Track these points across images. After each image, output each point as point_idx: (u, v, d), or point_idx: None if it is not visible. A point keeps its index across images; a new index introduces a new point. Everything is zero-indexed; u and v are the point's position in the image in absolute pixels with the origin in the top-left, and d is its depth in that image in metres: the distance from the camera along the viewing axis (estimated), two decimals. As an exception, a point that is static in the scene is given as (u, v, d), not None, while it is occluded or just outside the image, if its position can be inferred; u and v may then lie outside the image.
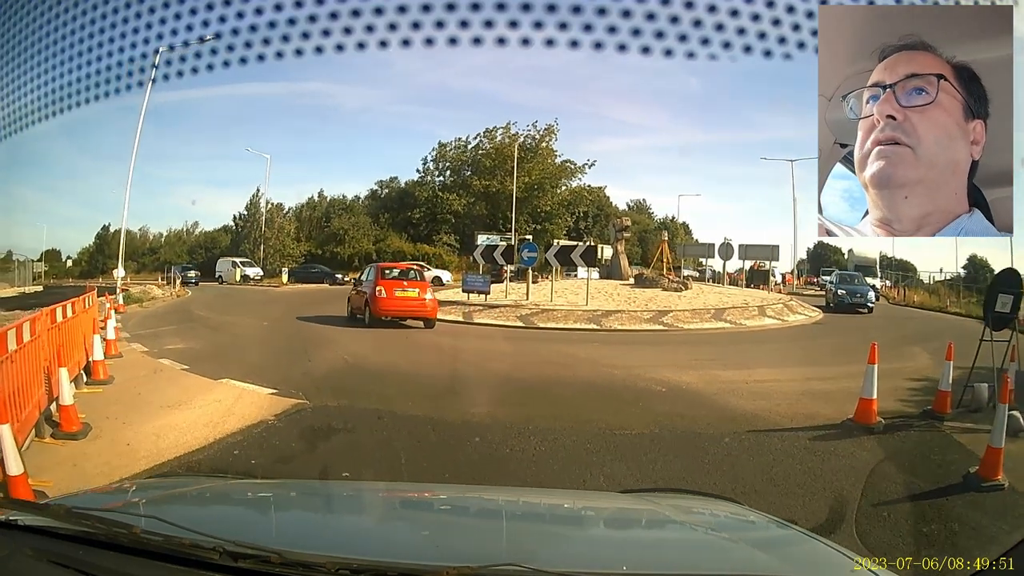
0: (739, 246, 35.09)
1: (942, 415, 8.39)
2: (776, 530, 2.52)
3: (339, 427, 7.63)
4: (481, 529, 2.61)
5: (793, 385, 10.63)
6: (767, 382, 10.86)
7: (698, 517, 2.66)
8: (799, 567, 2.09)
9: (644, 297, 24.43)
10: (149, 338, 14.85)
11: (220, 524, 2.14)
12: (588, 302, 22.22)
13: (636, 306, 22.24)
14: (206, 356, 12.36)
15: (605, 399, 9.51)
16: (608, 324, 19.88)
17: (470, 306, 22.48)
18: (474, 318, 21.05)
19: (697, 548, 2.30)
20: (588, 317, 20.47)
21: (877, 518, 5.15)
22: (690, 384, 10.56)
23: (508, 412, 8.47)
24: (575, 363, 13.08)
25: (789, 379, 11.30)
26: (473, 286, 23.66)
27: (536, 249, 24.71)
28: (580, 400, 9.52)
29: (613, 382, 10.91)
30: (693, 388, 10.28)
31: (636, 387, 10.36)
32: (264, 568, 1.68)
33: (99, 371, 9.75)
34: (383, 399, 8.95)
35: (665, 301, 23.54)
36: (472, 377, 11.46)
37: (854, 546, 4.01)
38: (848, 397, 8.56)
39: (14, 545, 1.82)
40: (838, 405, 8.62)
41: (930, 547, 4.64)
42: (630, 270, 32.76)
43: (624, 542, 2.46)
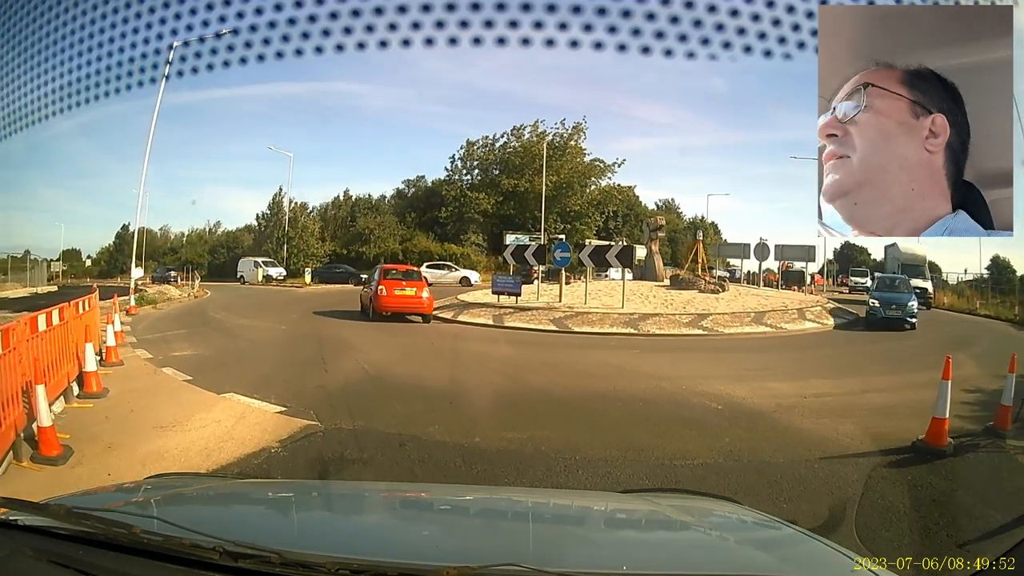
0: (775, 246, 33.98)
1: (1003, 432, 7.89)
2: (776, 530, 2.51)
3: (353, 457, 6.73)
4: (481, 529, 2.62)
5: (851, 399, 10.10)
6: (824, 396, 10.24)
7: (698, 517, 2.64)
8: (799, 567, 2.09)
9: (681, 299, 23.76)
10: (156, 343, 14.38)
11: (220, 524, 2.14)
12: (624, 305, 21.57)
13: (674, 309, 21.68)
14: (213, 365, 11.79)
15: (657, 420, 8.63)
16: (646, 328, 19.26)
17: (501, 308, 22.03)
18: (505, 321, 20.53)
19: (697, 548, 2.31)
20: (625, 321, 19.86)
21: (877, 518, 5.15)
22: (745, 400, 9.79)
23: (549, 436, 7.59)
24: (617, 374, 12.25)
25: (845, 392, 10.74)
26: (503, 287, 23.16)
27: (569, 249, 24.12)
28: (629, 422, 8.53)
29: (662, 398, 10.01)
30: (750, 405, 9.50)
31: (689, 404, 9.58)
32: (264, 568, 1.67)
33: (92, 383, 8.99)
34: (406, 420, 8.10)
35: (703, 304, 22.91)
36: (507, 393, 10.47)
37: (854, 546, 3.98)
38: (911, 412, 8.27)
39: (14, 545, 1.81)
40: (901, 421, 8.19)
41: (930, 547, 4.61)
42: (665, 271, 31.29)
43: (624, 542, 2.47)
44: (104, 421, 7.73)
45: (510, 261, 26.15)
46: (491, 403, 9.58)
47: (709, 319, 20.15)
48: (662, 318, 20.26)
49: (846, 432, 7.98)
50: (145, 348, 13.46)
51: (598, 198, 52.37)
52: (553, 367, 12.98)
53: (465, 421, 8.29)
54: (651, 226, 32.88)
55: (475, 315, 21.40)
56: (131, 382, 9.91)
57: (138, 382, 10.01)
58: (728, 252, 41.95)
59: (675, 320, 20.10)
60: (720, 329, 19.49)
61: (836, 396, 10.29)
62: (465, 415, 8.69)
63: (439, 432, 7.58)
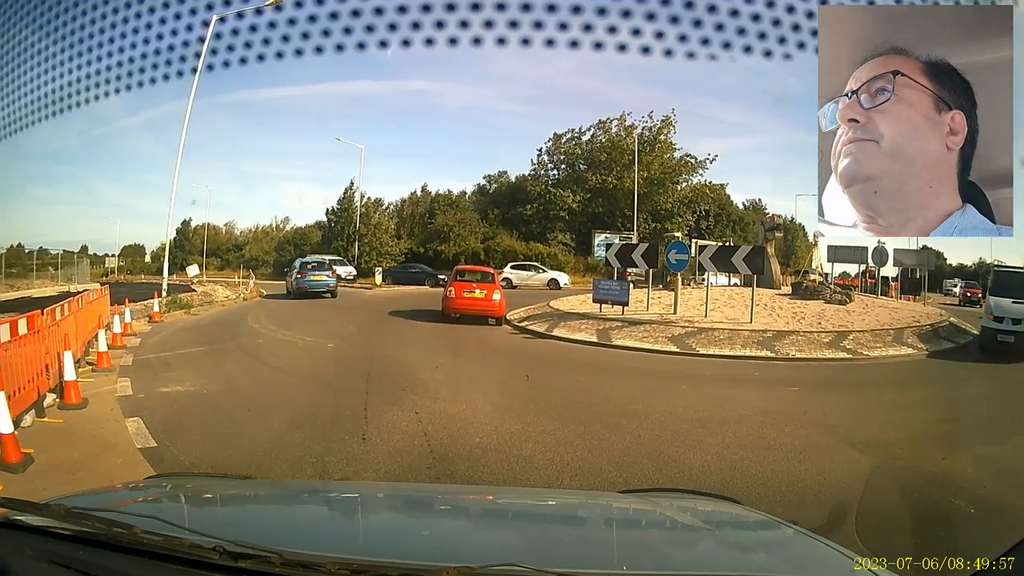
0: (893, 250, 30.92)
1: None
2: (776, 530, 2.59)
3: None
4: (481, 529, 2.70)
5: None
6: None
7: (698, 517, 2.72)
8: (799, 567, 2.17)
9: (810, 312, 21.22)
10: (153, 368, 12.17)
11: (220, 524, 2.26)
12: (752, 319, 19.16)
13: (808, 325, 19.31)
14: (202, 417, 9.03)
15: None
16: (783, 350, 16.77)
17: (606, 321, 19.88)
18: (612, 338, 18.23)
19: (697, 548, 2.39)
20: (757, 340, 17.38)
21: (877, 518, 5.11)
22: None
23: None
24: (807, 446, 8.31)
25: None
26: (607, 295, 20.83)
27: (687, 250, 21.63)
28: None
29: (887, 504, 6.37)
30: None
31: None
32: (264, 568, 1.70)
33: (11, 451, 6.45)
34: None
35: (836, 318, 20.49)
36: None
37: (854, 546, 3.77)
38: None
39: (14, 545, 1.89)
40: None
41: (930, 547, 4.55)
42: (783, 277, 27.44)
43: (624, 542, 2.51)
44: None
45: (614, 263, 23.86)
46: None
47: (849, 338, 17.66)
48: (799, 336, 17.79)
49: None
50: (132, 377, 11.15)
51: (689, 196, 50.24)
52: (714, 430, 8.88)
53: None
54: (767, 225, 29.84)
55: (574, 329, 19.55)
56: (70, 447, 7.50)
57: (77, 449, 7.49)
58: (843, 256, 37.76)
59: (814, 340, 17.58)
60: (864, 352, 16.90)
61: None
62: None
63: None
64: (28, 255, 41.96)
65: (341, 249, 45.56)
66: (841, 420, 9.85)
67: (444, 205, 52.34)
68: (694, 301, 22.27)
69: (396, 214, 52.57)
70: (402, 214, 52.92)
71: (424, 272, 40.46)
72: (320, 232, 52.16)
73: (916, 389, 13.21)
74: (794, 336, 17.78)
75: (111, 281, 36.79)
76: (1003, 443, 8.78)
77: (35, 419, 8.09)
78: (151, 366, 12.31)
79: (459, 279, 21.14)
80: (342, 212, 48.65)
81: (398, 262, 45.38)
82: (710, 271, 22.72)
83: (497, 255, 43.24)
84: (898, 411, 11.00)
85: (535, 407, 9.96)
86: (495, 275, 22.92)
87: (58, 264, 40.86)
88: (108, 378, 10.93)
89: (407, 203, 54.25)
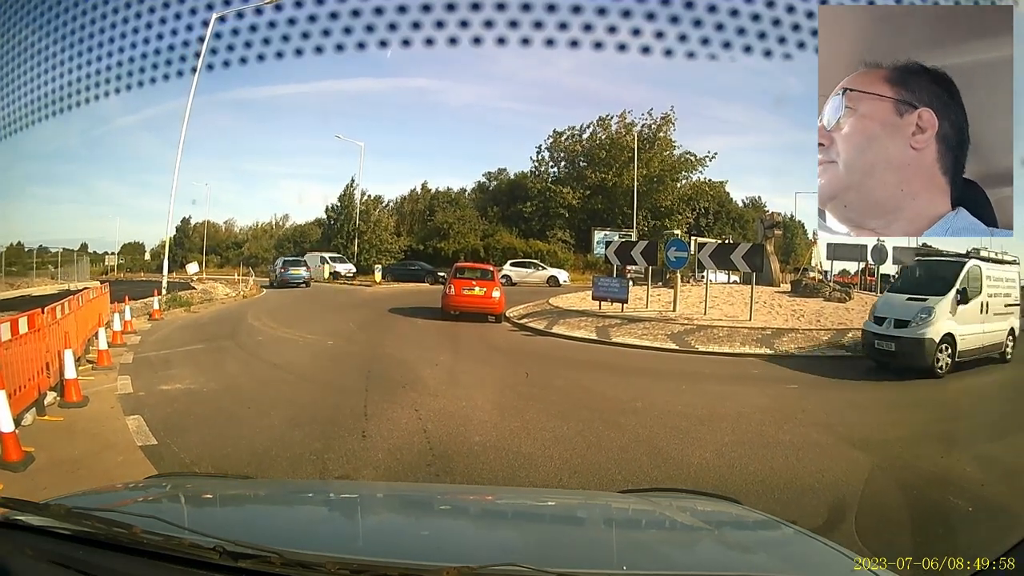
0: (893, 248, 30.62)
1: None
2: (776, 530, 2.59)
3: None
4: (481, 529, 2.69)
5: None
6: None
7: (698, 517, 2.71)
8: (799, 567, 2.16)
9: (810, 310, 21.05)
10: (153, 366, 12.22)
11: (220, 524, 2.26)
12: (752, 316, 19.17)
13: (807, 323, 19.26)
14: (202, 414, 9.02)
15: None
16: (782, 347, 16.82)
17: (605, 318, 20.08)
18: (612, 336, 18.42)
19: (697, 548, 2.39)
20: (757, 338, 17.42)
21: (877, 518, 5.12)
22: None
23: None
24: (792, 430, 8.78)
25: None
26: (607, 292, 21.00)
27: (686, 248, 21.93)
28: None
29: (887, 503, 6.39)
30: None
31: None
32: (264, 568, 1.70)
33: (11, 449, 6.47)
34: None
35: (835, 315, 20.34)
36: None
37: (854, 546, 3.87)
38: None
39: (14, 545, 1.89)
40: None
41: (930, 547, 4.55)
42: (782, 275, 27.43)
43: (624, 542, 2.50)
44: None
45: (613, 260, 23.90)
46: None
47: (849, 336, 17.49)
48: (799, 335, 17.79)
49: None
50: (133, 375, 11.19)
51: (689, 194, 50.50)
52: (726, 438, 8.49)
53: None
54: (766, 223, 29.73)
55: (573, 326, 19.73)
56: (70, 445, 7.50)
57: (78, 447, 7.48)
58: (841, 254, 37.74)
59: (812, 337, 17.61)
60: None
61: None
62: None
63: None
64: (28, 253, 42.11)
65: (341, 246, 45.72)
66: (840, 418, 9.87)
67: (444, 202, 52.36)
68: (693, 298, 22.29)
69: (396, 211, 52.48)
70: (402, 211, 52.87)
71: (424, 269, 40.36)
72: (320, 229, 52.36)
73: (916, 388, 13.03)
74: (792, 334, 17.76)
75: (111, 279, 36.78)
76: (1003, 442, 8.72)
77: (36, 417, 8.16)
78: (151, 364, 12.35)
79: (459, 276, 21.31)
80: (342, 209, 48.73)
81: (398, 259, 45.29)
82: (709, 269, 22.57)
83: (497, 252, 43.17)
84: (898, 409, 11.04)
85: (534, 404, 10.02)
86: (495, 272, 23.03)
87: (58, 262, 41.02)
88: (108, 376, 10.96)
89: (407, 200, 54.27)
